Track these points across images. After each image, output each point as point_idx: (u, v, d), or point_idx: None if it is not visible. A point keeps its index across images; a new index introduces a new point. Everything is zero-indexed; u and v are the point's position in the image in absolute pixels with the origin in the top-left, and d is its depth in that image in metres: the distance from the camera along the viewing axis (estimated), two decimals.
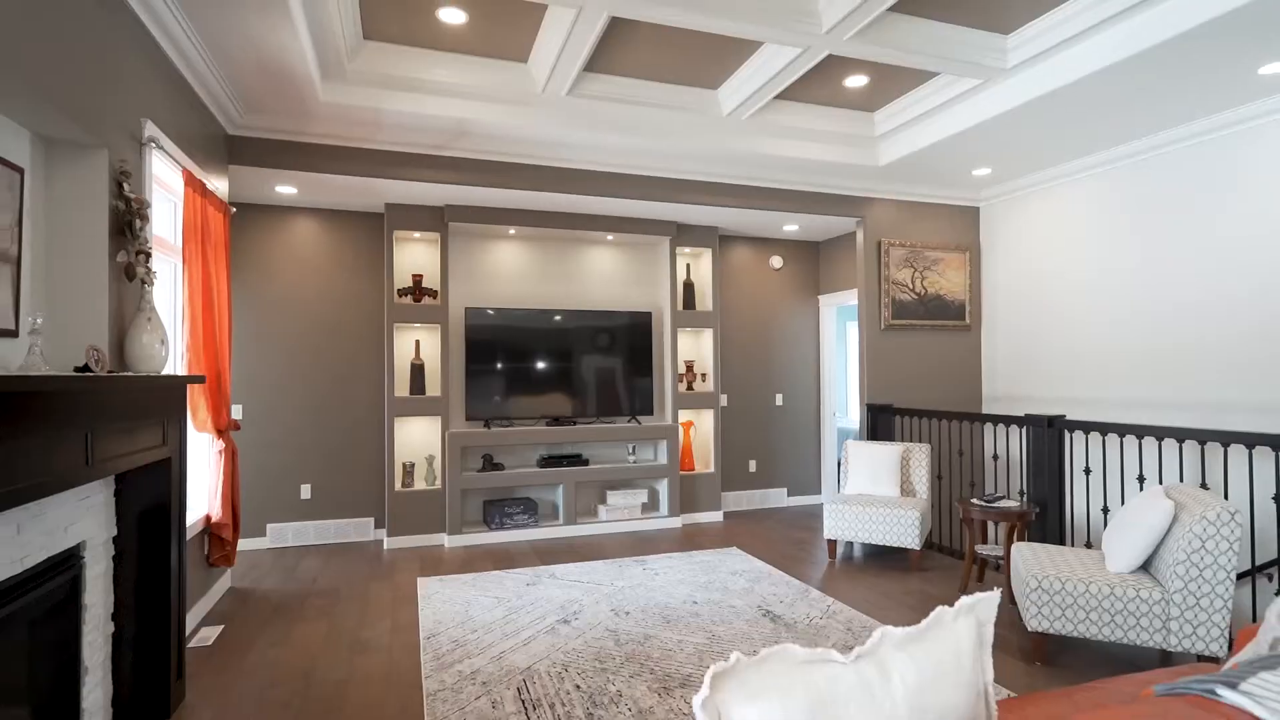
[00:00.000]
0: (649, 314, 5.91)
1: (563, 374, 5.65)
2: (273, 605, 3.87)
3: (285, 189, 4.80)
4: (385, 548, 5.11)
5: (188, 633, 3.40)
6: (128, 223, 2.64)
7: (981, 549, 4.17)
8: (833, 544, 4.76)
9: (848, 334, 8.97)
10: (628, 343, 5.84)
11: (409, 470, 5.32)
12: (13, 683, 1.99)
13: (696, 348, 6.25)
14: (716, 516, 6.04)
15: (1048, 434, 4.12)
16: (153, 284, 2.73)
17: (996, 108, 4.15)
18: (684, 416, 6.15)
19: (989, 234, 5.96)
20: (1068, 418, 4.26)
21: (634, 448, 5.90)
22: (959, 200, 5.95)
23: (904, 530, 4.41)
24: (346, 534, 5.35)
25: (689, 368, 6.16)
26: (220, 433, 3.71)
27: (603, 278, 6.02)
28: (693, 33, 3.69)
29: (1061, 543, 4.10)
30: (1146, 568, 3.07)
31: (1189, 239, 4.38)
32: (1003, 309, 5.80)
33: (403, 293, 5.32)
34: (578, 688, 2.83)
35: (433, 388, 5.44)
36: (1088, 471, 4.03)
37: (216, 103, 3.79)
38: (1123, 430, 3.75)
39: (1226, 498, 3.31)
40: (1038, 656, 3.09)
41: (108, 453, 2.19)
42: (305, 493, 5.26)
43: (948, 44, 3.72)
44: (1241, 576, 3.45)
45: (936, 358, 5.88)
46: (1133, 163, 4.72)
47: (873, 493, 4.85)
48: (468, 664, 3.05)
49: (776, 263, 6.68)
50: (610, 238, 5.85)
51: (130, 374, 2.42)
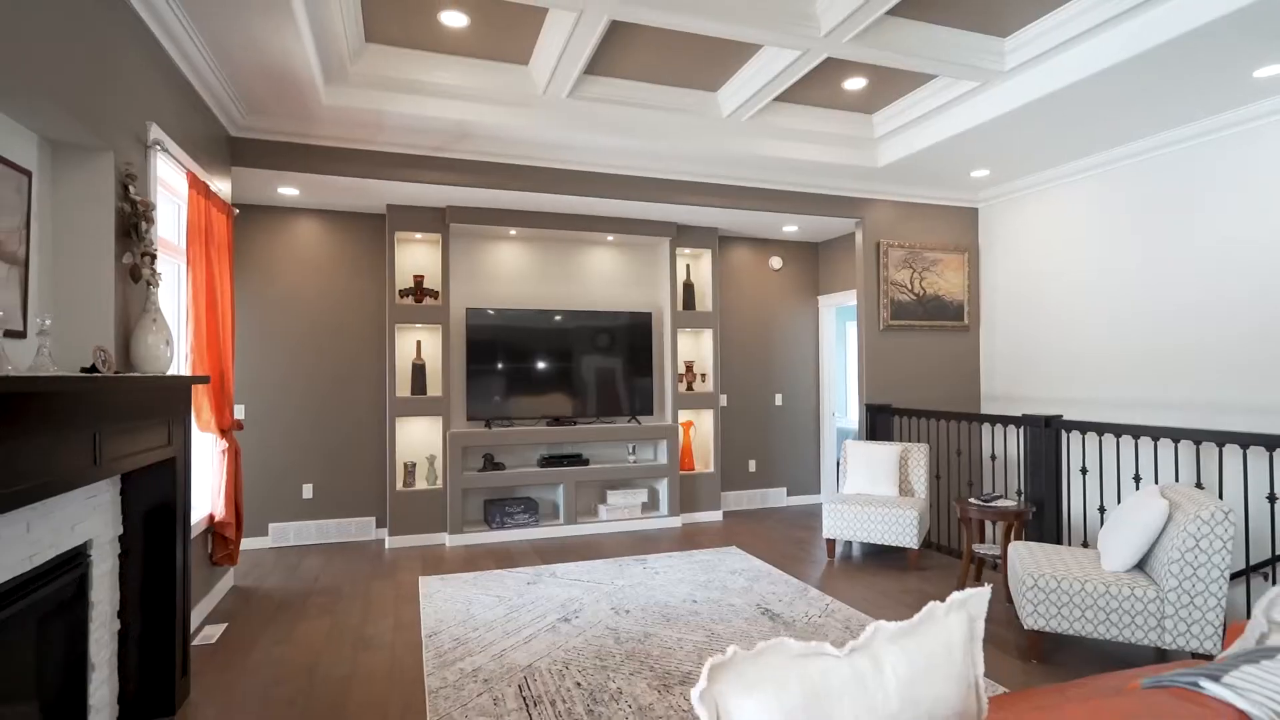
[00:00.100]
0: (649, 314, 5.94)
1: (563, 374, 5.68)
2: (276, 603, 3.90)
3: (287, 190, 4.83)
4: (387, 547, 5.14)
5: (192, 631, 3.43)
6: (133, 225, 2.67)
7: (979, 548, 4.20)
8: (831, 543, 4.79)
9: (847, 334, 9.00)
10: (628, 343, 5.87)
11: (410, 470, 5.34)
12: (22, 679, 2.01)
13: (696, 348, 6.28)
14: (716, 516, 6.06)
15: (1045, 434, 4.15)
16: (158, 285, 2.76)
17: (994, 110, 4.18)
18: (684, 416, 6.18)
19: (987, 235, 5.99)
20: (1065, 418, 4.28)
21: (634, 448, 5.92)
22: (957, 201, 5.98)
23: (902, 530, 4.44)
24: (348, 533, 5.38)
25: (689, 368, 6.18)
26: (223, 432, 3.74)
27: (603, 278, 6.05)
28: (692, 36, 3.71)
29: (1058, 542, 4.13)
30: (1142, 566, 3.10)
31: (1187, 240, 4.41)
32: (1001, 310, 5.83)
33: (404, 293, 5.35)
34: (578, 685, 2.86)
35: (434, 388, 5.46)
36: (1084, 471, 4.06)
37: (219, 105, 3.82)
38: (1119, 430, 3.78)
39: (1221, 497, 3.34)
40: (1034, 654, 3.12)
41: (115, 452, 2.21)
42: (307, 492, 5.29)
43: (946, 47, 3.75)
44: (1237, 575, 3.48)
45: (935, 358, 5.91)
46: (1130, 164, 4.74)
47: (871, 492, 4.88)
48: (469, 661, 3.08)
49: (776, 263, 6.71)
50: (610, 238, 5.88)
51: (136, 374, 2.45)
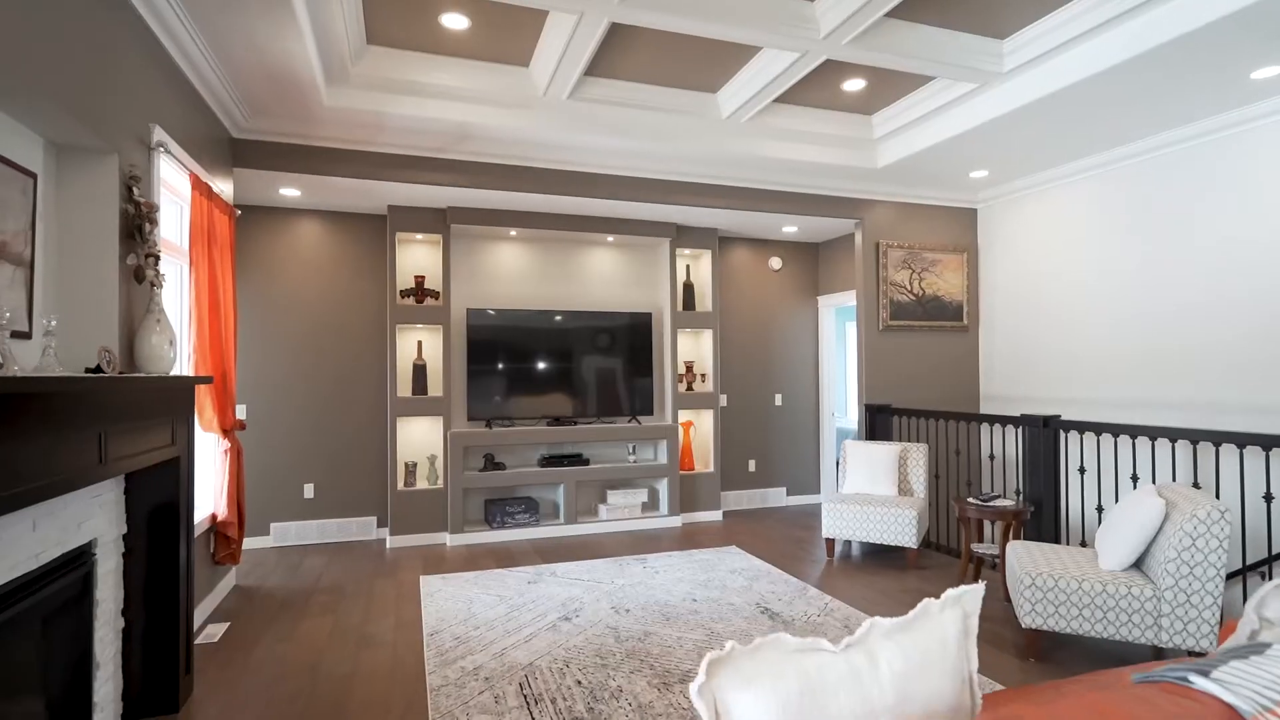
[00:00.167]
0: (649, 315, 5.96)
1: (563, 374, 5.70)
2: (278, 602, 3.92)
3: (289, 191, 4.85)
4: (388, 546, 5.16)
5: (194, 629, 3.44)
6: (137, 226, 2.70)
7: (977, 547, 4.22)
8: (831, 543, 4.80)
9: (847, 334, 9.02)
10: (628, 343, 5.89)
11: (411, 470, 5.36)
12: (28, 676, 2.04)
13: (696, 348, 6.29)
14: (716, 516, 6.08)
15: (1043, 434, 4.17)
16: (161, 286, 2.78)
17: (993, 111, 4.20)
18: (684, 416, 6.20)
19: (986, 235, 6.01)
20: (1063, 418, 4.30)
21: (634, 447, 5.94)
22: (957, 202, 6.00)
23: (901, 529, 4.46)
24: (349, 533, 5.40)
25: (689, 368, 6.20)
26: (226, 432, 3.76)
27: (603, 279, 6.07)
28: (692, 38, 3.73)
29: (1056, 541, 4.15)
30: (1139, 565, 3.12)
31: (1186, 240, 4.42)
32: (1000, 310, 5.85)
33: (405, 294, 5.37)
34: (579, 683, 2.88)
35: (435, 388, 5.48)
36: (1082, 471, 4.08)
37: (222, 107, 3.84)
38: (1117, 430, 3.80)
39: (1218, 497, 3.37)
40: (1031, 653, 3.14)
41: (120, 452, 2.23)
42: (308, 492, 5.31)
43: (944, 49, 3.77)
44: (1234, 575, 3.50)
45: (934, 358, 5.92)
46: (1128, 165, 4.76)
47: (871, 492, 4.90)
48: (470, 660, 3.10)
49: (776, 264, 6.73)
50: (611, 239, 5.90)
51: (141, 375, 2.47)
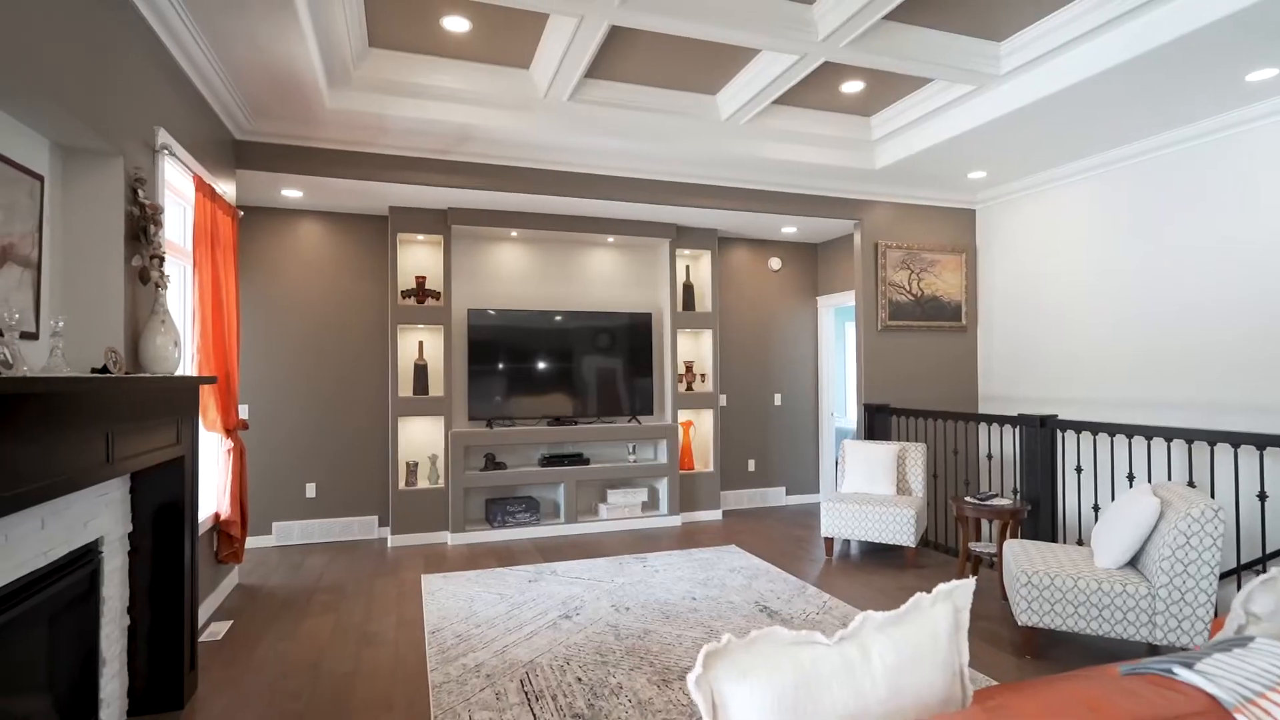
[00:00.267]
0: (649, 315, 5.98)
1: (564, 374, 5.73)
2: (280, 601, 3.95)
3: (291, 192, 4.88)
4: (389, 546, 5.19)
5: (199, 627, 3.47)
6: (142, 228, 2.72)
7: (975, 546, 4.25)
8: (830, 542, 4.83)
9: (846, 334, 9.05)
10: (628, 343, 5.92)
11: (412, 469, 5.39)
12: (36, 672, 2.06)
13: (696, 348, 6.32)
14: (716, 515, 6.11)
15: (1040, 433, 4.20)
16: (166, 287, 2.81)
17: (990, 113, 4.22)
18: (684, 416, 6.23)
19: (985, 236, 6.04)
20: (1060, 418, 4.33)
21: (634, 447, 5.97)
22: (955, 203, 6.03)
23: (900, 528, 4.49)
24: (351, 532, 5.43)
25: (688, 368, 6.23)
26: (229, 432, 3.79)
27: (603, 279, 6.10)
28: (692, 40, 3.76)
29: (1053, 540, 4.18)
30: (1134, 563, 3.15)
31: (1183, 241, 4.45)
32: (999, 310, 5.87)
33: (406, 294, 5.40)
34: (579, 680, 2.90)
35: (436, 388, 5.51)
36: (1079, 470, 4.11)
37: (225, 109, 3.87)
38: (1113, 430, 3.83)
39: (1213, 496, 3.39)
40: (1028, 650, 3.17)
41: (126, 451, 2.26)
42: (310, 491, 5.34)
43: (942, 51, 3.80)
44: (1229, 574, 3.52)
45: (933, 358, 5.95)
46: (1126, 166, 4.79)
47: (869, 491, 4.93)
48: (472, 657, 3.13)
49: (775, 264, 6.75)
50: (611, 240, 5.93)
51: (147, 375, 2.50)
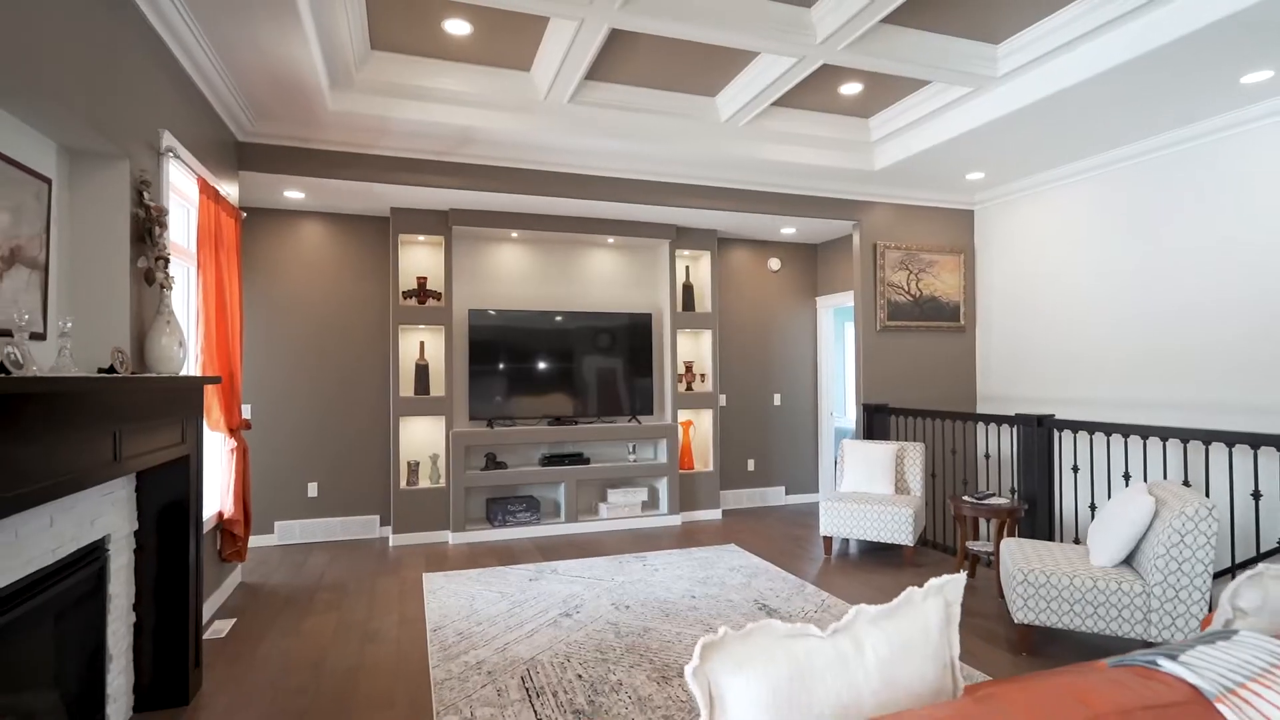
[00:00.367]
0: (649, 315, 6.01)
1: (564, 374, 5.76)
2: (283, 599, 3.98)
3: (293, 194, 4.91)
4: (391, 545, 5.22)
5: (203, 624, 3.50)
6: (148, 230, 2.76)
7: (973, 545, 4.28)
8: (829, 541, 4.86)
9: (845, 335, 9.07)
10: (628, 343, 5.95)
11: (414, 469, 5.42)
12: (44, 669, 2.10)
13: (696, 348, 6.35)
14: (715, 514, 6.14)
15: (1037, 433, 4.22)
16: (171, 288, 2.84)
17: (988, 114, 4.25)
18: (683, 416, 6.26)
19: (983, 237, 6.06)
20: (1057, 417, 4.36)
21: (634, 447, 6.00)
22: (953, 204, 6.06)
23: (898, 527, 4.52)
24: (352, 531, 5.46)
25: (688, 368, 6.26)
26: (232, 431, 3.82)
27: (603, 280, 6.13)
28: (691, 43, 3.79)
29: (1051, 538, 4.20)
30: (1129, 562, 3.18)
31: (1180, 242, 4.48)
32: (997, 310, 5.90)
33: (407, 295, 5.43)
34: (579, 677, 2.93)
35: (437, 388, 5.54)
36: (1076, 470, 4.14)
37: (228, 111, 3.90)
38: (1109, 429, 3.86)
39: (1208, 495, 3.43)
40: (1024, 647, 3.20)
41: (133, 450, 2.29)
42: (312, 491, 5.37)
43: (939, 53, 3.83)
44: (1223, 573, 3.55)
45: (931, 358, 5.98)
46: (1122, 167, 4.82)
47: (868, 490, 4.96)
48: (473, 654, 3.16)
49: (774, 265, 6.78)
50: (611, 240, 5.96)
51: (153, 375, 2.53)
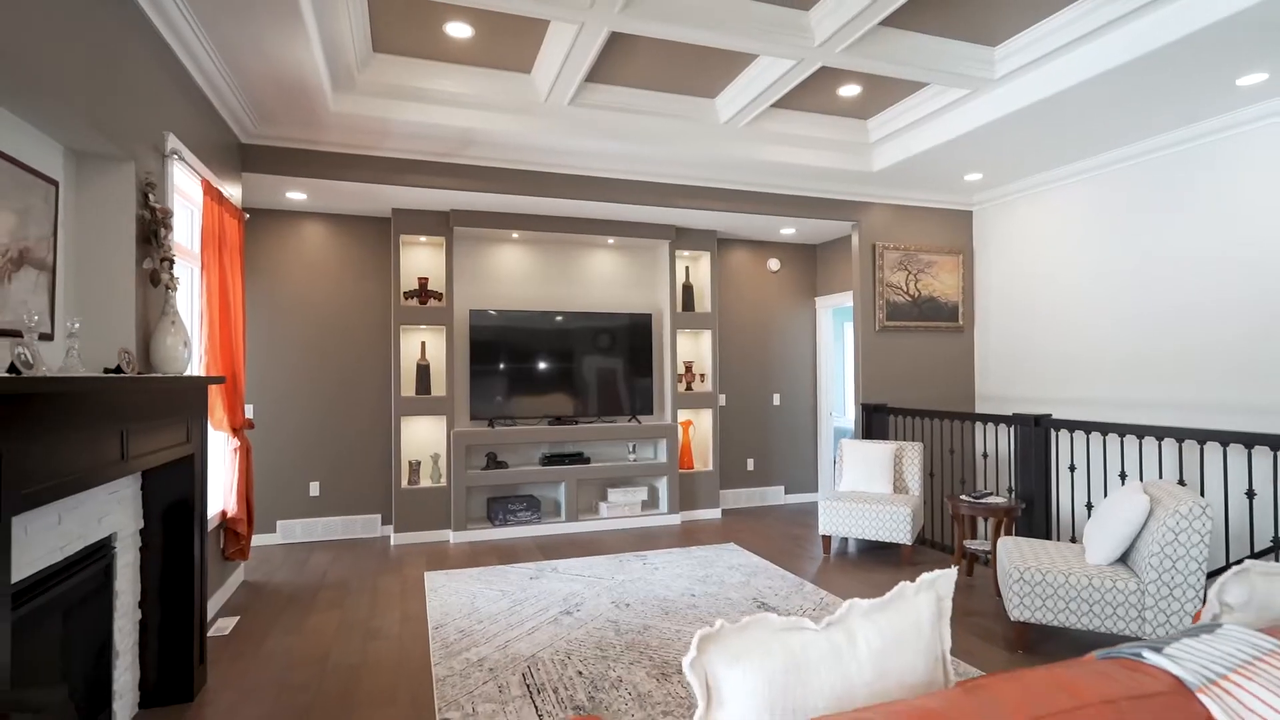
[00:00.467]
0: (649, 315, 6.04)
1: (564, 374, 5.79)
2: (286, 597, 4.01)
3: (295, 195, 4.94)
4: (392, 544, 5.26)
5: (207, 621, 3.53)
6: (153, 231, 2.79)
7: (970, 544, 4.31)
8: (827, 539, 4.89)
9: (844, 335, 9.10)
10: (628, 344, 5.98)
11: (415, 468, 5.45)
12: (52, 665, 2.12)
13: (695, 348, 6.38)
14: (715, 514, 6.17)
15: (1035, 433, 4.25)
16: (176, 289, 2.87)
17: (986, 116, 4.28)
18: (683, 416, 6.29)
19: (981, 237, 6.09)
20: (1054, 417, 4.39)
21: (634, 446, 6.03)
22: (952, 204, 6.09)
23: (896, 526, 4.55)
24: (354, 530, 5.49)
25: (688, 368, 6.29)
26: (235, 431, 3.85)
27: (603, 280, 6.16)
28: (690, 46, 3.82)
29: (1047, 537, 4.23)
30: (1124, 560, 3.21)
31: (1177, 242, 4.51)
32: (995, 311, 5.93)
33: (409, 295, 5.46)
34: (580, 674, 2.97)
35: (438, 388, 5.57)
36: (1073, 469, 4.16)
37: (231, 114, 3.94)
38: (1105, 429, 3.89)
39: (1203, 494, 3.45)
40: (1020, 645, 3.23)
41: (140, 449, 2.33)
42: (314, 490, 5.40)
43: (937, 56, 3.86)
44: (1218, 572, 3.58)
45: (930, 358, 6.01)
46: (1120, 168, 4.85)
47: (867, 490, 4.99)
48: (475, 652, 3.19)
49: (774, 265, 6.81)
50: (611, 241, 5.99)
51: (160, 375, 2.56)
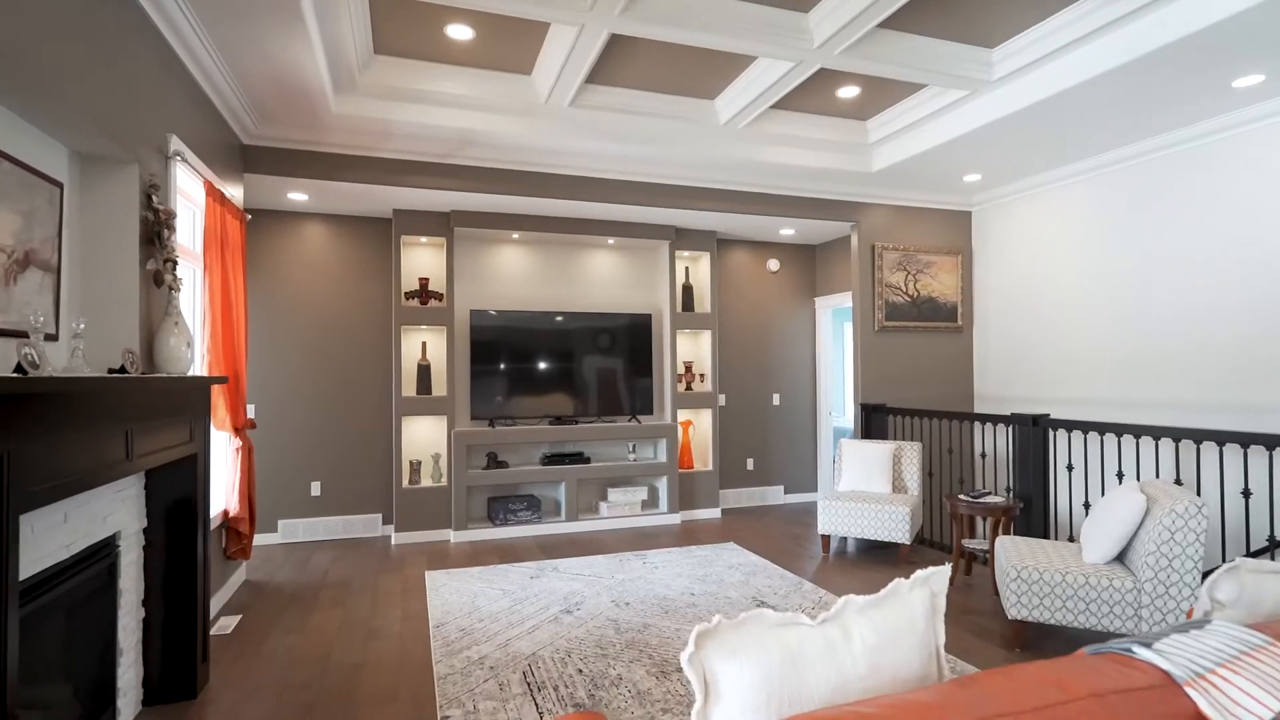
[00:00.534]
0: (649, 316, 6.06)
1: (565, 374, 5.81)
2: (287, 596, 4.03)
3: (297, 196, 4.96)
4: (393, 543, 5.28)
5: (210, 620, 3.55)
6: (156, 233, 2.81)
7: (969, 543, 4.33)
8: (826, 539, 4.91)
9: (843, 335, 9.12)
10: (628, 344, 6.00)
11: (416, 468, 5.47)
12: (56, 662, 2.15)
13: (695, 349, 6.40)
14: (714, 513, 6.19)
15: (1033, 432, 4.27)
16: (179, 290, 2.89)
17: (984, 117, 4.30)
18: (683, 416, 6.31)
19: (980, 238, 6.11)
20: (1052, 417, 4.41)
21: (634, 446, 6.05)
22: (951, 205, 6.11)
23: (895, 525, 4.57)
24: (355, 530, 5.51)
25: (688, 368, 6.31)
26: (237, 431, 3.87)
27: (604, 280, 6.18)
28: (690, 47, 3.84)
29: (1045, 537, 4.25)
30: (1121, 559, 3.23)
31: (1175, 243, 4.53)
32: (994, 311, 5.95)
33: (409, 295, 5.48)
34: (580, 672, 2.99)
35: (439, 388, 5.59)
36: (1070, 468, 4.18)
37: (233, 115, 3.96)
38: (1103, 429, 3.91)
39: (1199, 493, 3.48)
40: (1017, 643, 3.25)
41: (144, 448, 2.35)
42: (315, 490, 5.42)
43: (935, 58, 3.88)
44: (1212, 572, 3.60)
45: (929, 358, 6.03)
46: (1119, 169, 4.87)
47: (866, 489, 5.01)
48: (476, 650, 3.21)
49: (773, 265, 6.83)
50: (611, 242, 6.01)
51: (163, 375, 2.58)
